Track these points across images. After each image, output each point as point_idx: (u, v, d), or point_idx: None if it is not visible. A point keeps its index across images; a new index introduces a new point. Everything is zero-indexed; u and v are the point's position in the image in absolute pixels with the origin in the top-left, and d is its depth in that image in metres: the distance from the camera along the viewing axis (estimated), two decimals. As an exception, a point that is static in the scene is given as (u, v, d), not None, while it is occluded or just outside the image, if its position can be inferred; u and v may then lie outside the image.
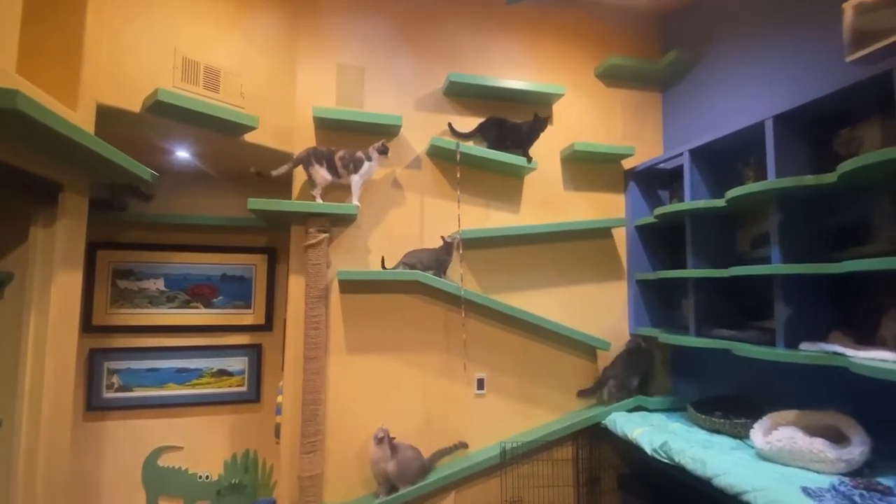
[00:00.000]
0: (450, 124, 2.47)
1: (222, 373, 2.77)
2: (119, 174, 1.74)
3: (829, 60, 1.84)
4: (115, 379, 2.63)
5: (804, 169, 1.86)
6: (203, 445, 2.72)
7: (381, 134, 2.39)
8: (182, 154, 2.37)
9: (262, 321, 2.83)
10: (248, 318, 2.82)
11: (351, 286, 2.31)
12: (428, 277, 2.26)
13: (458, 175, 2.44)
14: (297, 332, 2.22)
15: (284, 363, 2.24)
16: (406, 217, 2.42)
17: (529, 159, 2.44)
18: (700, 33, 2.56)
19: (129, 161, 1.69)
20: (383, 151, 2.22)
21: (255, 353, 2.82)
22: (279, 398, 2.35)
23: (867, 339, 1.70)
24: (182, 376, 2.71)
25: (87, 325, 2.59)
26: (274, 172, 2.16)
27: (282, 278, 2.85)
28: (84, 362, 2.58)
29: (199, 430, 2.72)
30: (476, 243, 2.48)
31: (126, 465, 2.62)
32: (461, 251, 2.35)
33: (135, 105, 1.82)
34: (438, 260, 2.30)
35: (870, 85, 1.58)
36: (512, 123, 2.47)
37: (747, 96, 2.26)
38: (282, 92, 2.29)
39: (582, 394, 2.51)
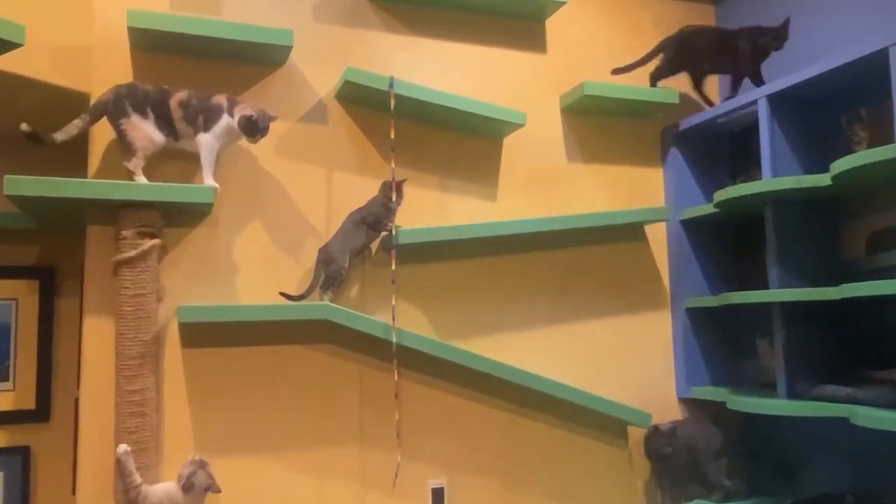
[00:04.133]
0: (618, 68, 2.61)
1: (-48, 503, 2.52)
2: None
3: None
4: None
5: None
6: None
7: (252, 61, 2.29)
8: None
9: (30, 404, 2.63)
10: (3, 398, 2.58)
11: (203, 333, 2.18)
12: (342, 314, 2.16)
13: (393, 135, 2.35)
14: (99, 421, 2.06)
15: (77, 480, 2.06)
16: (301, 208, 2.34)
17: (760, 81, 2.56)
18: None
19: None
20: (253, 132, 2.08)
21: (16, 464, 2.59)
22: (66, 546, 2.14)
23: None
24: None
25: None
26: (59, 135, 1.98)
27: (67, 322, 2.67)
28: None
29: None
30: (423, 253, 2.43)
31: None
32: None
33: None
34: (373, 215, 2.28)
35: None
36: (702, 32, 2.65)
37: (851, 13, 2.36)
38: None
39: None
